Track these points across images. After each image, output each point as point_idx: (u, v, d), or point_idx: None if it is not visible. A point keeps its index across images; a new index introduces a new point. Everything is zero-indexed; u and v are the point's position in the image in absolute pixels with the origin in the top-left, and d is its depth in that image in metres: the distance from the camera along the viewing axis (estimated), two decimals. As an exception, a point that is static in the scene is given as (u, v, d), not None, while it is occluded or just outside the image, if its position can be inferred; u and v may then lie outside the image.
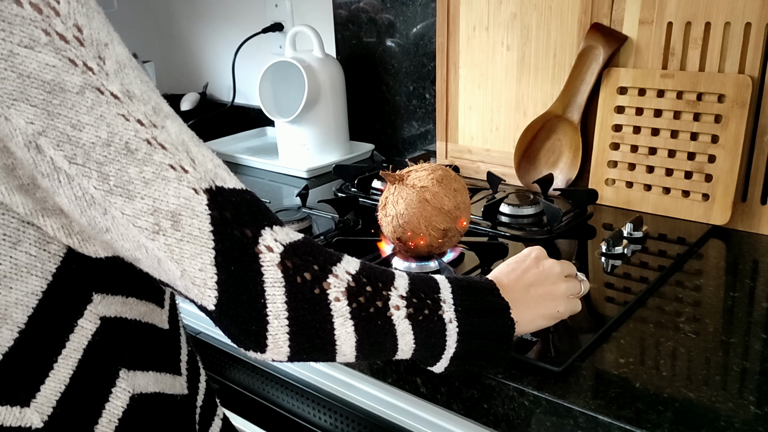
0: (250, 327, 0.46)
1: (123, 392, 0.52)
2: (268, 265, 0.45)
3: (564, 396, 0.58)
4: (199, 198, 0.44)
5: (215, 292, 0.45)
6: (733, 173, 0.92)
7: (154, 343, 0.55)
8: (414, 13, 1.30)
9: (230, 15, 1.66)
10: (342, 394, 0.80)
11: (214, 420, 0.65)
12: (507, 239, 0.91)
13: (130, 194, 0.42)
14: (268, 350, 0.47)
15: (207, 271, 0.44)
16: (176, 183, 0.43)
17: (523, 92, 1.13)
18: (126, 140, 0.42)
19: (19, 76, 0.39)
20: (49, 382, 0.48)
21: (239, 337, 0.47)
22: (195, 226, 0.44)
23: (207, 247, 0.44)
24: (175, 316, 0.59)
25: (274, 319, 0.46)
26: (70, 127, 0.40)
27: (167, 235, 0.43)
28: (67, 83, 0.40)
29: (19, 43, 0.39)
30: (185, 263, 0.44)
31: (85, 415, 0.50)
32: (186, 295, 0.46)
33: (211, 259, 0.44)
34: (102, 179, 0.42)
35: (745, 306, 0.73)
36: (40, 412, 0.48)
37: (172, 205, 0.43)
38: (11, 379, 0.47)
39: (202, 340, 0.96)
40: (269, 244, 0.45)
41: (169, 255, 0.44)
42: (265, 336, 0.46)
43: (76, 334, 0.49)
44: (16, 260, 0.46)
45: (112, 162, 0.42)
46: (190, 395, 0.59)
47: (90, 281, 0.49)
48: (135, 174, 0.42)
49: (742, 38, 0.90)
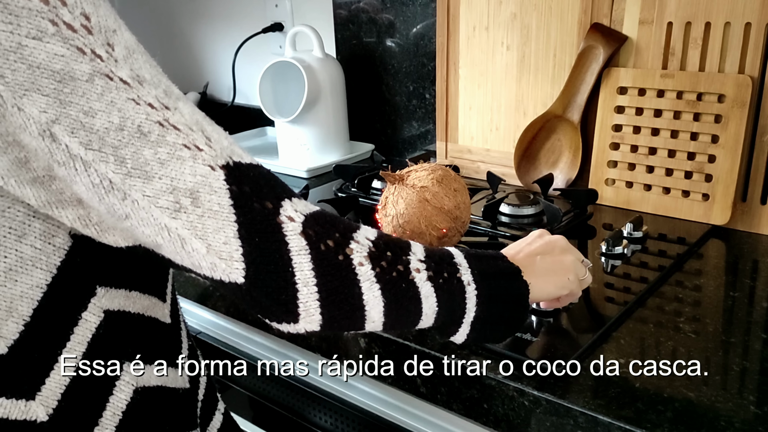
0: (280, 296, 0.46)
1: (126, 385, 0.52)
2: (292, 235, 0.45)
3: (564, 396, 0.58)
4: (215, 174, 0.44)
5: (242, 264, 0.45)
6: (733, 173, 0.92)
7: (156, 336, 0.55)
8: (414, 13, 1.30)
9: (230, 15, 1.66)
10: (342, 394, 0.80)
11: (215, 414, 0.66)
12: (507, 239, 0.91)
13: (147, 175, 0.43)
14: (301, 319, 0.47)
15: (231, 244, 0.44)
16: (191, 162, 0.44)
17: (523, 92, 1.13)
18: (138, 124, 0.42)
19: (29, 67, 0.39)
20: (54, 376, 0.49)
21: (271, 309, 0.47)
22: (215, 202, 0.44)
23: (229, 220, 0.44)
24: (177, 311, 0.60)
25: (304, 287, 0.46)
26: (83, 114, 0.41)
27: (188, 213, 0.44)
28: (77, 71, 0.40)
29: (27, 34, 0.39)
30: (209, 238, 0.44)
31: (90, 408, 0.51)
32: (212, 275, 0.46)
33: (234, 232, 0.44)
34: (119, 163, 0.42)
35: (745, 306, 0.73)
36: (45, 405, 0.49)
37: (189, 183, 0.43)
38: (16, 372, 0.48)
39: (201, 340, 0.97)
40: (290, 215, 0.46)
41: (192, 232, 0.44)
42: (296, 305, 0.46)
43: (80, 327, 0.49)
44: (22, 253, 0.46)
45: (127, 145, 0.42)
46: (191, 389, 0.60)
47: (94, 275, 0.49)
48: (150, 156, 0.43)
49: (742, 38, 0.90)
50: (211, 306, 0.91)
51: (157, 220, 0.44)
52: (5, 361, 0.47)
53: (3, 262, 0.46)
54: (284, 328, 0.48)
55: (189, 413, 0.59)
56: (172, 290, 0.59)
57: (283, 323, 0.48)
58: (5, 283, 0.46)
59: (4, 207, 0.45)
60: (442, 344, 0.67)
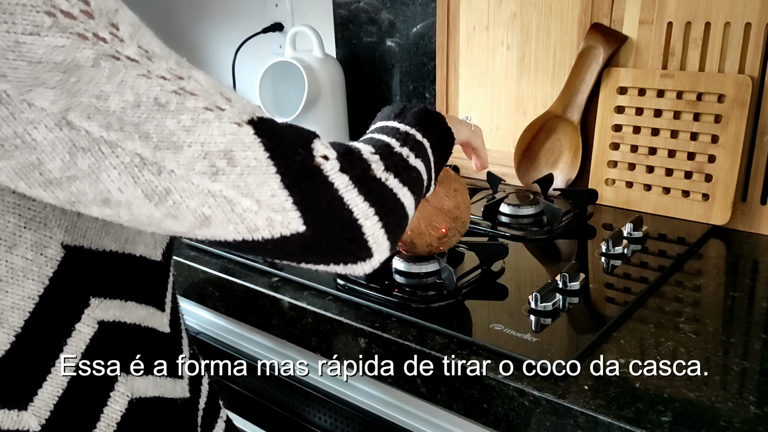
0: (347, 235, 0.46)
1: (121, 396, 0.51)
2: (333, 173, 0.46)
3: (564, 396, 0.58)
4: (244, 130, 0.44)
5: (297, 212, 0.44)
6: (733, 173, 0.92)
7: (153, 347, 0.55)
8: (414, 12, 1.30)
9: (230, 15, 1.66)
10: (342, 394, 0.80)
11: (217, 422, 0.65)
12: (507, 239, 0.91)
13: (176, 145, 0.42)
14: (374, 252, 0.48)
15: (279, 195, 0.44)
16: (217, 122, 0.43)
17: (523, 92, 1.13)
18: (154, 96, 0.41)
19: (30, 63, 0.38)
20: (47, 386, 0.48)
21: (343, 249, 0.47)
22: (251, 157, 0.43)
23: (270, 172, 0.44)
24: (177, 320, 0.59)
25: (365, 220, 0.47)
26: (95, 99, 0.40)
27: (227, 173, 0.43)
28: (80, 59, 0.39)
29: (23, 31, 0.38)
30: (256, 194, 0.43)
31: (83, 419, 0.50)
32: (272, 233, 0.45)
33: (278, 183, 0.44)
34: (144, 138, 0.41)
35: (745, 306, 0.73)
36: (37, 415, 0.48)
37: (221, 144, 0.43)
38: (8, 382, 0.47)
39: (202, 340, 0.96)
40: (324, 154, 0.46)
41: (237, 191, 0.43)
42: (365, 239, 0.47)
43: (73, 338, 0.48)
44: (12, 264, 0.45)
45: (148, 120, 0.41)
46: (191, 398, 0.59)
47: (88, 285, 0.49)
48: (174, 125, 0.42)
49: (742, 38, 0.90)
50: (211, 306, 0.91)
51: (199, 187, 0.43)
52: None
53: None
54: (360, 268, 0.49)
55: (189, 422, 0.59)
56: (172, 299, 0.58)
57: (359, 262, 0.48)
58: None
59: None
60: (442, 344, 0.67)
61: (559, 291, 0.74)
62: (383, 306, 0.74)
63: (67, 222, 0.47)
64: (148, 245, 0.53)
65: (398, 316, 0.72)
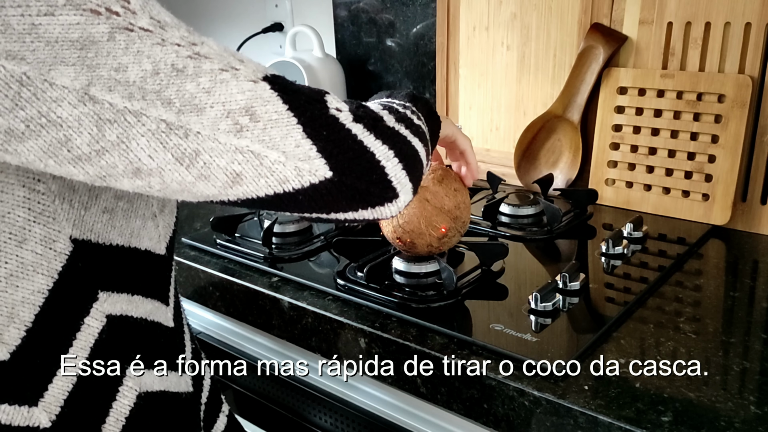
0: (372, 176, 0.48)
1: (130, 391, 0.52)
2: (350, 122, 0.48)
3: (564, 396, 0.58)
4: (261, 86, 0.45)
5: (322, 159, 0.46)
6: (733, 173, 0.92)
7: (159, 341, 0.55)
8: (414, 13, 1.30)
9: (230, 15, 1.66)
10: (342, 394, 0.80)
11: (219, 416, 0.65)
12: (507, 239, 0.91)
13: (198, 108, 0.43)
14: (400, 192, 0.50)
15: (303, 145, 0.45)
16: (235, 81, 0.44)
17: (523, 92, 1.13)
18: (171, 63, 0.42)
19: (47, 43, 0.39)
20: (57, 382, 0.48)
21: (369, 191, 0.49)
22: (272, 111, 0.45)
23: (291, 124, 0.45)
24: (180, 314, 0.60)
25: (387, 161, 0.49)
26: (114, 71, 0.41)
27: (251, 129, 0.44)
28: (95, 34, 0.40)
29: (38, 13, 0.39)
30: (281, 146, 0.45)
31: (93, 414, 0.50)
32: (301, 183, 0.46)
33: (301, 134, 0.45)
34: (167, 104, 0.42)
35: (745, 306, 0.73)
36: (48, 411, 0.48)
37: (241, 102, 0.44)
38: (19, 378, 0.48)
39: (202, 340, 0.97)
40: (337, 106, 0.48)
41: (263, 145, 0.45)
42: (388, 180, 0.49)
43: (82, 333, 0.49)
44: (22, 259, 0.46)
45: (168, 86, 0.42)
46: (195, 392, 0.60)
47: (96, 279, 0.49)
48: (193, 88, 0.43)
49: (742, 38, 0.90)
50: (211, 306, 0.91)
51: (226, 145, 0.44)
52: (7, 368, 0.47)
53: (4, 267, 0.45)
54: (389, 210, 0.51)
55: (192, 417, 0.59)
56: (175, 293, 0.59)
57: (386, 204, 0.50)
58: (6, 288, 0.46)
59: (4, 212, 0.44)
60: (442, 344, 0.67)
61: (559, 291, 0.74)
62: (383, 306, 0.74)
63: (74, 216, 0.47)
64: (152, 239, 0.53)
65: (398, 316, 0.72)
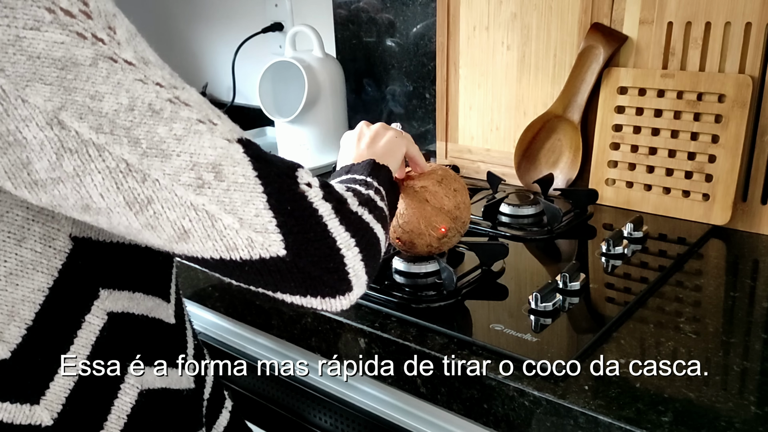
0: (329, 264, 0.45)
1: (131, 388, 0.52)
2: (318, 201, 0.45)
3: (564, 396, 0.58)
4: (235, 146, 0.43)
5: (280, 235, 0.43)
6: (734, 173, 0.91)
7: (161, 338, 0.55)
8: (414, 12, 1.30)
9: (230, 15, 1.66)
10: (342, 394, 0.80)
11: (221, 412, 0.66)
12: (507, 239, 0.91)
13: (165, 153, 0.41)
14: (354, 285, 0.47)
15: (264, 216, 0.43)
16: (209, 135, 0.43)
17: (523, 92, 1.13)
18: (149, 102, 0.41)
19: (29, 58, 0.39)
20: (58, 379, 0.48)
21: (323, 279, 0.45)
22: (239, 173, 0.43)
23: (257, 191, 0.43)
24: (181, 311, 0.60)
25: (347, 251, 0.46)
26: (89, 99, 0.40)
27: (213, 187, 0.42)
28: (79, 57, 0.40)
29: (24, 26, 0.38)
30: (239, 212, 0.43)
31: (95, 411, 0.50)
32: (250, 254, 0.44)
33: (264, 203, 0.43)
34: (133, 144, 0.41)
35: (746, 306, 0.73)
36: (49, 409, 0.48)
37: (210, 157, 0.42)
38: (20, 376, 0.48)
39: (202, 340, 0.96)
40: (308, 181, 0.46)
41: (221, 207, 0.42)
42: (346, 271, 0.46)
43: (83, 330, 0.49)
44: (22, 257, 0.46)
45: (140, 125, 0.41)
46: (197, 389, 0.60)
47: (96, 277, 0.49)
48: (165, 133, 0.41)
49: (742, 38, 0.90)
50: (211, 306, 0.91)
51: (182, 199, 0.42)
52: (8, 366, 0.47)
53: (3, 266, 0.45)
54: (339, 303, 0.47)
55: (194, 413, 0.59)
56: (176, 290, 0.59)
57: (337, 296, 0.47)
58: (6, 287, 0.46)
59: (2, 211, 0.44)
60: (442, 344, 0.67)
61: (559, 291, 0.74)
62: (383, 306, 0.74)
63: None
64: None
65: (398, 316, 0.72)
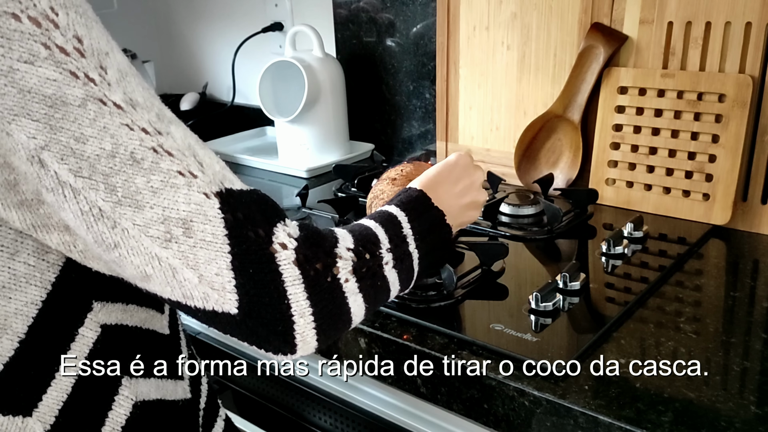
0: (277, 327, 0.45)
1: (126, 400, 0.51)
2: (285, 264, 0.45)
3: (564, 396, 0.58)
4: (210, 202, 0.43)
5: (235, 295, 0.44)
6: (734, 173, 0.91)
7: (155, 349, 0.55)
8: (414, 12, 1.30)
9: (230, 15, 1.66)
10: (342, 394, 0.80)
11: (216, 421, 0.65)
12: (507, 239, 0.91)
13: (138, 204, 0.42)
14: (298, 349, 0.47)
15: (224, 276, 0.43)
16: (186, 189, 0.43)
17: (523, 92, 1.13)
18: (131, 150, 0.41)
19: (20, 91, 0.38)
20: (51, 392, 0.48)
21: (268, 339, 0.46)
22: (208, 232, 0.43)
23: (222, 251, 0.43)
24: (175, 321, 0.59)
25: (300, 318, 0.45)
26: (74, 140, 0.40)
27: (179, 243, 0.43)
28: (69, 96, 0.40)
29: (19, 58, 0.38)
30: (201, 268, 0.43)
31: (88, 424, 0.50)
32: (204, 306, 0.45)
33: (227, 264, 0.43)
34: (109, 191, 0.41)
35: (746, 306, 0.73)
36: (42, 421, 0.48)
37: (182, 213, 0.42)
38: (13, 389, 0.47)
39: (201, 340, 0.96)
40: (282, 241, 0.45)
41: (183, 262, 0.43)
42: (293, 336, 0.46)
43: (77, 343, 0.49)
44: (15, 270, 0.45)
45: (119, 173, 0.41)
46: (192, 399, 0.59)
47: (90, 289, 0.49)
48: (142, 184, 0.41)
49: (742, 38, 0.90)
50: (211, 306, 0.91)
51: (147, 250, 0.42)
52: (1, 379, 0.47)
53: None
54: (278, 359, 0.48)
55: (191, 423, 0.59)
56: None
57: (279, 354, 0.47)
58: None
59: None
60: (442, 344, 0.66)
61: (559, 291, 0.74)
62: (383, 306, 0.74)
63: None
64: None
65: (398, 316, 0.72)
